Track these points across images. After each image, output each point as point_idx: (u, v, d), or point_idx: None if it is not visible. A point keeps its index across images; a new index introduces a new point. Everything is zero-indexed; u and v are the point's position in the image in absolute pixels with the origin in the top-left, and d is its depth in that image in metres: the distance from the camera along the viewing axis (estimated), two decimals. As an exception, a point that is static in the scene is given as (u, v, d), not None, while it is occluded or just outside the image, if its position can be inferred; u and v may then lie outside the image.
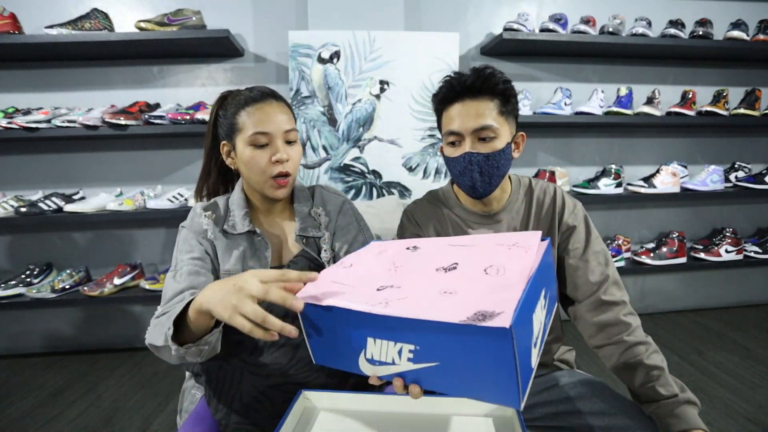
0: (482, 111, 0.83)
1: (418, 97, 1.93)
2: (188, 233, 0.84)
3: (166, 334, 0.62)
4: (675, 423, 0.71)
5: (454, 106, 0.85)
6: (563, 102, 2.02)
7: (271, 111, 0.83)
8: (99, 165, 2.03)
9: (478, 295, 0.47)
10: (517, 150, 0.90)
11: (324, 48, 1.87)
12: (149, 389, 1.74)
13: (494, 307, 0.43)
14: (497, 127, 0.83)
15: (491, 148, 0.83)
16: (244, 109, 0.83)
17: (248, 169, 0.84)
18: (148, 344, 0.69)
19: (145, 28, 1.77)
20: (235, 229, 0.85)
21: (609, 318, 0.83)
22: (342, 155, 1.94)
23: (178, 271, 0.78)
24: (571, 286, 0.89)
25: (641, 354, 0.78)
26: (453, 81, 0.85)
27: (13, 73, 1.94)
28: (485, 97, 0.83)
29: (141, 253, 2.10)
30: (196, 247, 0.82)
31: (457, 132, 0.84)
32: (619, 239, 2.18)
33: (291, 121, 0.86)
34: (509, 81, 0.85)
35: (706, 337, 2.09)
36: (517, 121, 0.90)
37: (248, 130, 0.82)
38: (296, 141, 0.87)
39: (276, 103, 0.85)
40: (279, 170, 0.82)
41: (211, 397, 0.77)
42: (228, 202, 0.90)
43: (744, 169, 2.24)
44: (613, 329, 0.82)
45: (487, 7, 2.12)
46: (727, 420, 1.43)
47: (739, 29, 2.04)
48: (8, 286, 1.85)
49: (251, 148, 0.82)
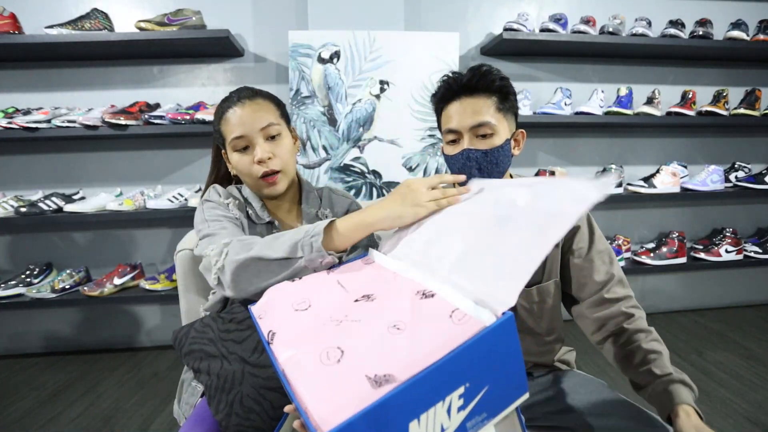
0: (479, 108, 0.83)
1: (418, 97, 1.93)
2: (216, 205, 0.85)
3: (304, 242, 0.68)
4: (666, 401, 0.70)
5: (452, 105, 0.86)
6: (563, 102, 2.02)
7: (243, 113, 0.84)
8: (99, 165, 2.03)
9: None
10: (517, 147, 0.90)
11: (324, 48, 1.87)
12: (149, 389, 1.74)
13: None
14: (495, 123, 0.83)
15: (489, 144, 0.83)
16: (223, 117, 0.85)
17: (239, 173, 0.87)
18: (248, 258, 0.70)
19: (145, 28, 1.77)
20: (259, 219, 0.87)
21: (611, 311, 0.83)
22: (342, 155, 1.94)
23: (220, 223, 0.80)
24: (575, 285, 0.88)
25: (640, 340, 0.78)
26: (450, 80, 0.86)
27: (13, 73, 1.94)
28: (482, 94, 0.83)
29: (141, 253, 2.10)
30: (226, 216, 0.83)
31: (455, 129, 0.85)
32: (619, 239, 2.18)
33: (270, 116, 0.86)
34: (506, 78, 0.86)
35: (706, 337, 2.09)
36: (516, 119, 0.90)
37: (228, 137, 0.84)
38: (280, 134, 0.87)
39: (249, 102, 0.85)
40: (264, 170, 0.83)
41: (212, 397, 0.77)
42: (242, 193, 0.92)
43: (744, 169, 2.24)
44: (615, 320, 0.82)
45: (487, 7, 2.11)
46: (727, 420, 1.43)
47: (739, 29, 2.04)
48: (8, 286, 1.85)
49: (237, 153, 0.85)
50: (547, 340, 0.93)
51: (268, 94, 0.90)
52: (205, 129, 1.82)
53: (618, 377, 1.67)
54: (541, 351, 0.93)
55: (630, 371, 0.79)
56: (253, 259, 0.70)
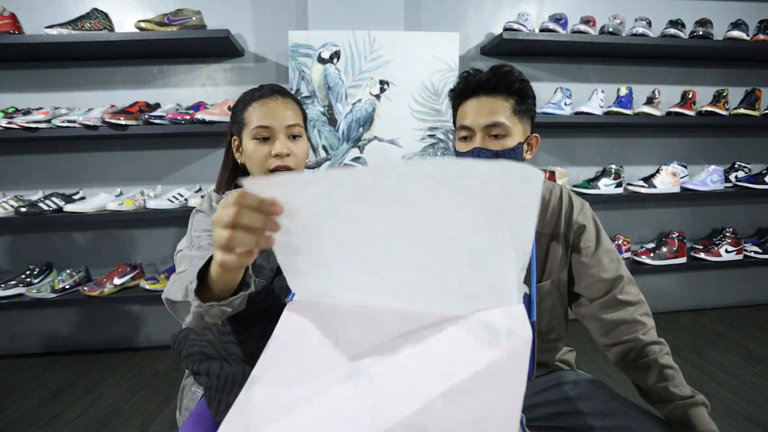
0: (495, 108, 0.82)
1: (418, 97, 1.93)
2: (205, 216, 0.85)
3: (188, 288, 0.58)
4: (689, 425, 0.71)
5: (468, 102, 0.85)
6: (563, 102, 2.02)
7: (274, 106, 0.85)
8: (99, 165, 2.03)
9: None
10: (529, 151, 0.89)
11: (324, 48, 1.87)
12: (149, 389, 1.74)
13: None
14: (509, 125, 0.82)
15: (501, 145, 0.83)
16: (250, 105, 0.86)
17: (250, 162, 0.87)
18: (165, 299, 0.67)
19: (145, 28, 1.77)
20: None
21: (624, 316, 0.82)
22: (342, 155, 1.94)
23: (196, 244, 0.78)
24: (583, 284, 0.88)
25: (656, 353, 0.78)
26: (470, 77, 0.86)
27: (13, 73, 1.94)
28: (500, 95, 0.83)
29: (141, 253, 2.10)
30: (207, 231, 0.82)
31: (468, 127, 0.84)
32: (619, 239, 2.18)
33: (296, 116, 0.88)
34: (526, 80, 0.85)
35: (706, 337, 2.09)
36: (533, 123, 0.89)
37: (252, 125, 0.85)
38: (301, 136, 0.89)
39: (281, 98, 0.87)
40: (277, 164, 0.84)
41: (212, 398, 0.77)
42: None
43: (744, 169, 2.24)
44: (628, 327, 0.82)
45: (487, 7, 2.11)
46: (727, 420, 1.43)
47: (739, 29, 2.03)
48: (8, 286, 1.84)
49: (254, 141, 0.85)
50: (547, 338, 0.93)
51: (296, 98, 0.93)
52: (205, 129, 1.82)
53: (618, 377, 1.67)
54: (542, 349, 0.93)
55: (644, 384, 0.79)
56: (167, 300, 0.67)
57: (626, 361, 0.81)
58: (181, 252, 0.80)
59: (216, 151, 2.05)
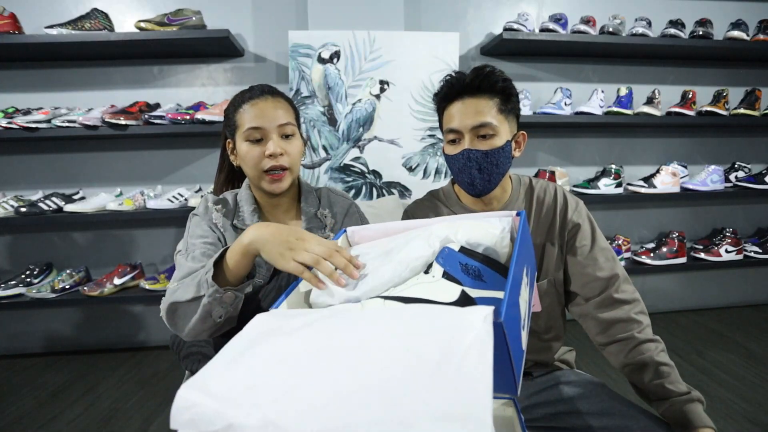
0: (481, 109, 0.83)
1: (418, 97, 1.93)
2: (201, 220, 0.86)
3: (201, 281, 0.65)
4: (685, 421, 0.72)
5: (454, 105, 0.86)
6: (563, 102, 2.02)
7: (265, 107, 0.85)
8: (99, 165, 2.03)
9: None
10: (518, 149, 0.90)
11: (324, 48, 1.87)
12: (149, 389, 1.74)
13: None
14: (496, 124, 0.83)
15: (490, 145, 0.84)
16: (241, 107, 0.86)
17: (244, 164, 0.87)
18: (168, 304, 0.69)
19: (145, 28, 1.77)
20: (245, 224, 0.86)
21: (620, 315, 0.83)
22: (342, 155, 1.94)
23: (191, 253, 0.79)
24: (578, 283, 0.88)
25: (651, 351, 0.78)
26: (453, 80, 0.86)
27: (13, 73, 1.94)
28: (485, 95, 0.84)
29: (141, 253, 2.10)
30: (209, 234, 0.83)
31: (456, 129, 0.85)
32: (619, 239, 2.18)
33: (288, 115, 0.87)
34: (509, 79, 0.86)
35: (706, 337, 2.09)
36: (518, 121, 0.90)
37: (244, 126, 0.85)
38: (294, 135, 0.89)
39: (272, 98, 0.87)
40: (272, 164, 0.84)
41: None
42: (237, 198, 0.92)
43: (744, 169, 2.24)
44: (624, 326, 0.82)
45: (487, 7, 2.11)
46: (727, 420, 1.43)
47: (739, 29, 2.03)
48: (8, 286, 1.84)
49: (247, 143, 0.85)
50: (545, 338, 0.93)
51: (287, 96, 0.92)
52: (205, 129, 1.82)
53: (618, 377, 1.67)
54: (540, 348, 0.93)
55: (640, 381, 0.79)
56: (172, 304, 0.70)
57: (621, 360, 0.81)
58: (179, 257, 0.80)
59: (216, 151, 2.03)
